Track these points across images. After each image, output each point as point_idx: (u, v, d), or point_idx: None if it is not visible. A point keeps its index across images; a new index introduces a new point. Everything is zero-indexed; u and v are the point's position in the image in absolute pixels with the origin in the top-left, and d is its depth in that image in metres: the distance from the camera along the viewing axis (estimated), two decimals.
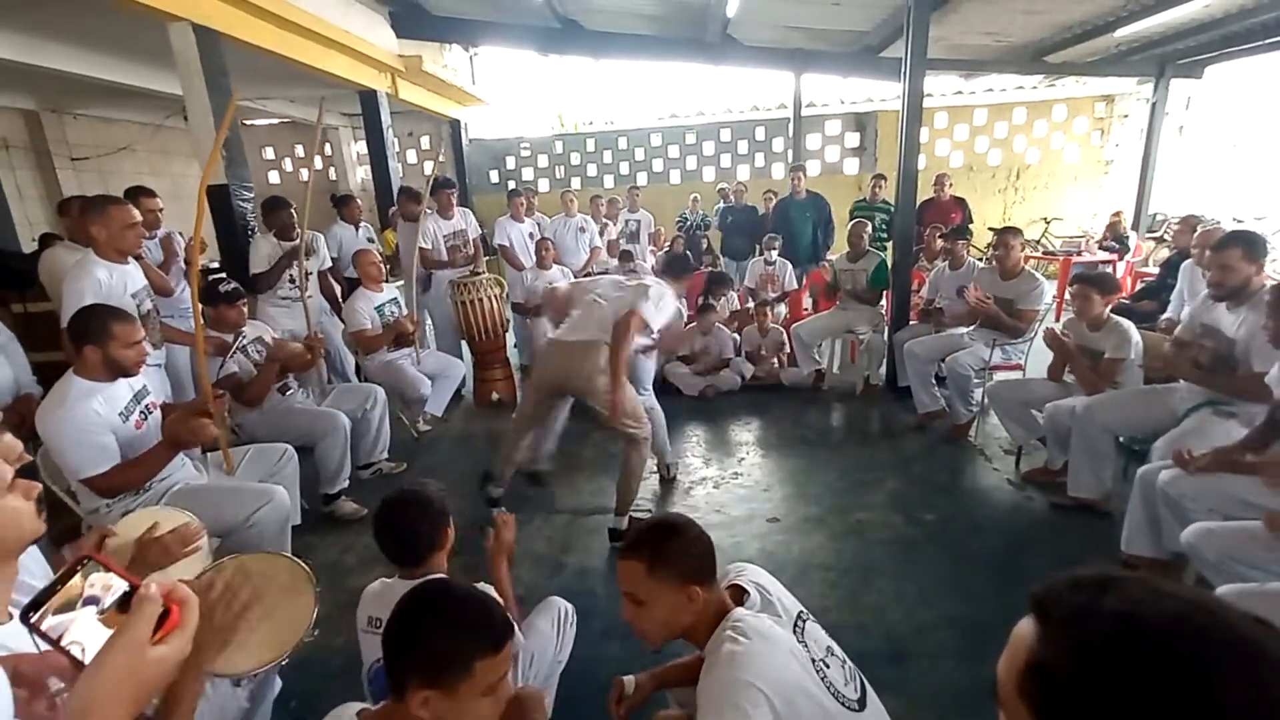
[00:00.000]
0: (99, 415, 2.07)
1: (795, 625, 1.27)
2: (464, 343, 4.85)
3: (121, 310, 2.25)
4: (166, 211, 3.71)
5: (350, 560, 2.83)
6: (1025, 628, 0.55)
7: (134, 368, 2.21)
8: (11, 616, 1.00)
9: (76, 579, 0.67)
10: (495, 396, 4.80)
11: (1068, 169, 9.47)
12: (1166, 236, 7.55)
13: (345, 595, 2.31)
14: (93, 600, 0.67)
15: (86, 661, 0.64)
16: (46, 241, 4.25)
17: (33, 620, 0.64)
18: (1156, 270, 5.50)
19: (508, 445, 3.03)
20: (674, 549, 1.29)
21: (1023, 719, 0.53)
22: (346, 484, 3.18)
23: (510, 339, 5.17)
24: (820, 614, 1.38)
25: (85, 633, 0.65)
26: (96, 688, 0.60)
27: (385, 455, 3.61)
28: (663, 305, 2.82)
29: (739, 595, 1.31)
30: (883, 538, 2.80)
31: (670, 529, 1.32)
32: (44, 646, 0.66)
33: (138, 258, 2.91)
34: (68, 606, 0.66)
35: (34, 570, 1.19)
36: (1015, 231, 3.77)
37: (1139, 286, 5.60)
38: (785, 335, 4.91)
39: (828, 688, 1.18)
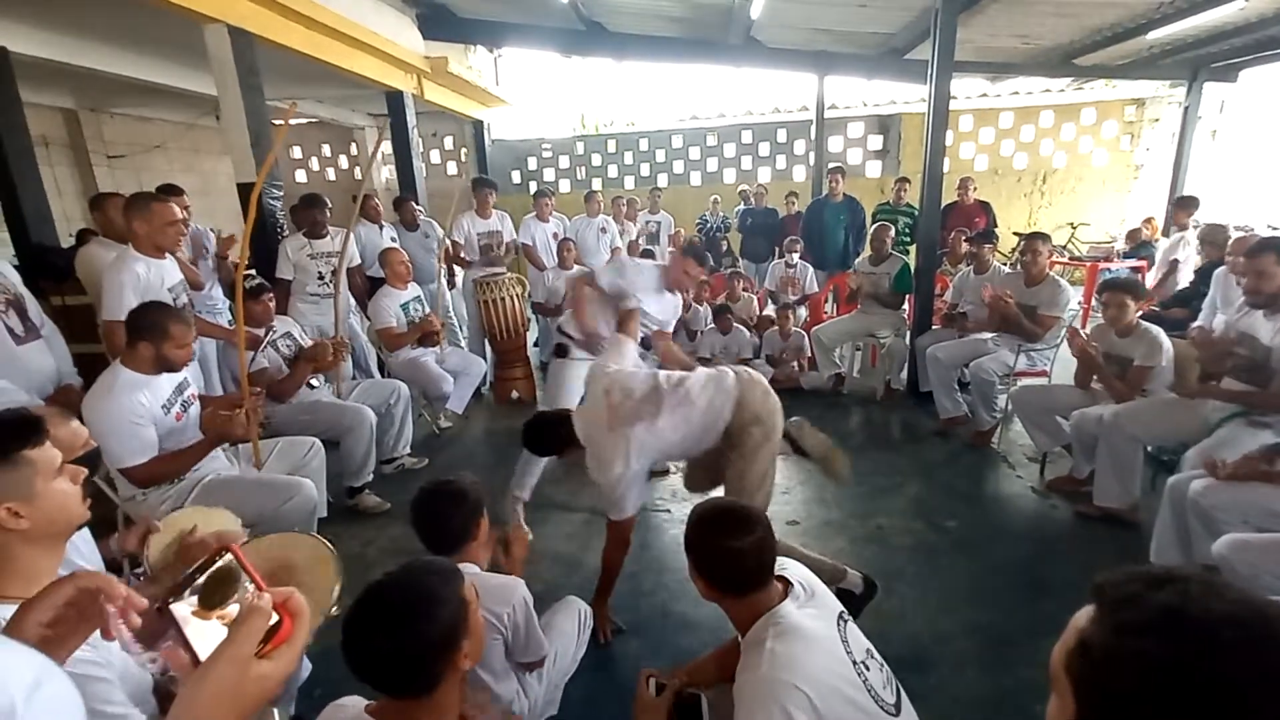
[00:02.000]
0: (144, 406, 2.15)
1: (838, 624, 1.25)
2: (485, 341, 4.90)
3: (182, 313, 2.32)
4: (195, 207, 3.79)
5: (373, 553, 2.87)
6: (1083, 611, 0.58)
7: (180, 366, 2.30)
8: None
9: (215, 572, 0.64)
10: (515, 395, 4.84)
11: (1096, 173, 9.31)
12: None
13: None
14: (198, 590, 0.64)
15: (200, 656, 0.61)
16: (83, 237, 4.36)
17: (167, 608, 0.61)
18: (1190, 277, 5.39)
19: None
20: (704, 552, 1.29)
21: (1065, 694, 0.56)
22: (371, 478, 3.23)
23: (531, 338, 5.21)
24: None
25: (195, 627, 0.62)
26: (198, 705, 0.57)
27: (408, 450, 3.66)
28: None
29: (785, 587, 1.29)
30: (904, 544, 2.78)
31: (715, 529, 1.28)
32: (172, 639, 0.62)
33: (172, 253, 2.98)
34: (180, 596, 0.63)
35: (85, 552, 1.23)
36: (1044, 238, 3.71)
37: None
38: (806, 339, 4.89)
39: (868, 689, 1.17)
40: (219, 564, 0.65)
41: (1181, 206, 5.42)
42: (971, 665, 2.06)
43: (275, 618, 0.61)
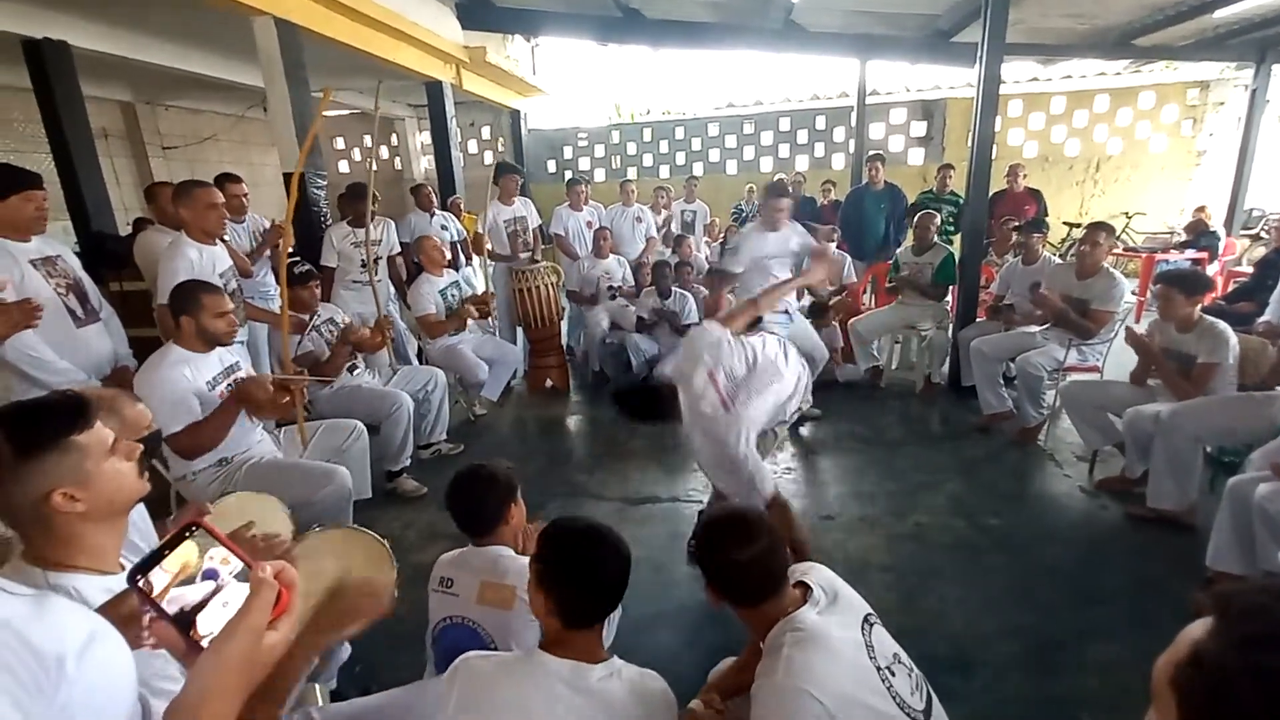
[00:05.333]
0: (187, 380, 2.23)
1: (863, 628, 1.22)
2: (515, 329, 4.95)
3: (211, 284, 2.40)
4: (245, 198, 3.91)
5: (411, 536, 2.93)
6: (1197, 624, 0.55)
7: (225, 337, 2.36)
8: (123, 568, 1.08)
9: (188, 547, 0.65)
10: (549, 383, 4.88)
11: (1154, 160, 8.87)
12: (1265, 234, 7.00)
13: (407, 569, 2.37)
14: (212, 574, 0.65)
15: (198, 635, 0.62)
16: (139, 225, 4.54)
17: (140, 585, 0.62)
18: (1250, 269, 5.11)
19: None
20: (711, 564, 1.29)
21: (1168, 708, 0.53)
22: (409, 462, 3.30)
23: (565, 327, 5.23)
24: (877, 616, 1.34)
25: (212, 608, 0.64)
26: (218, 676, 0.59)
27: (444, 437, 3.72)
28: None
29: (804, 592, 1.27)
30: (944, 541, 2.71)
31: (720, 540, 1.27)
32: (150, 612, 0.63)
33: (223, 240, 3.07)
34: (188, 579, 0.64)
35: (142, 528, 1.28)
36: (1107, 229, 3.51)
37: (1232, 286, 5.21)
38: (838, 330, 4.79)
39: (893, 697, 1.14)
40: (188, 539, 0.66)
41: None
42: (1014, 669, 2.00)
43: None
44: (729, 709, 1.35)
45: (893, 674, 1.17)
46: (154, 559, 0.64)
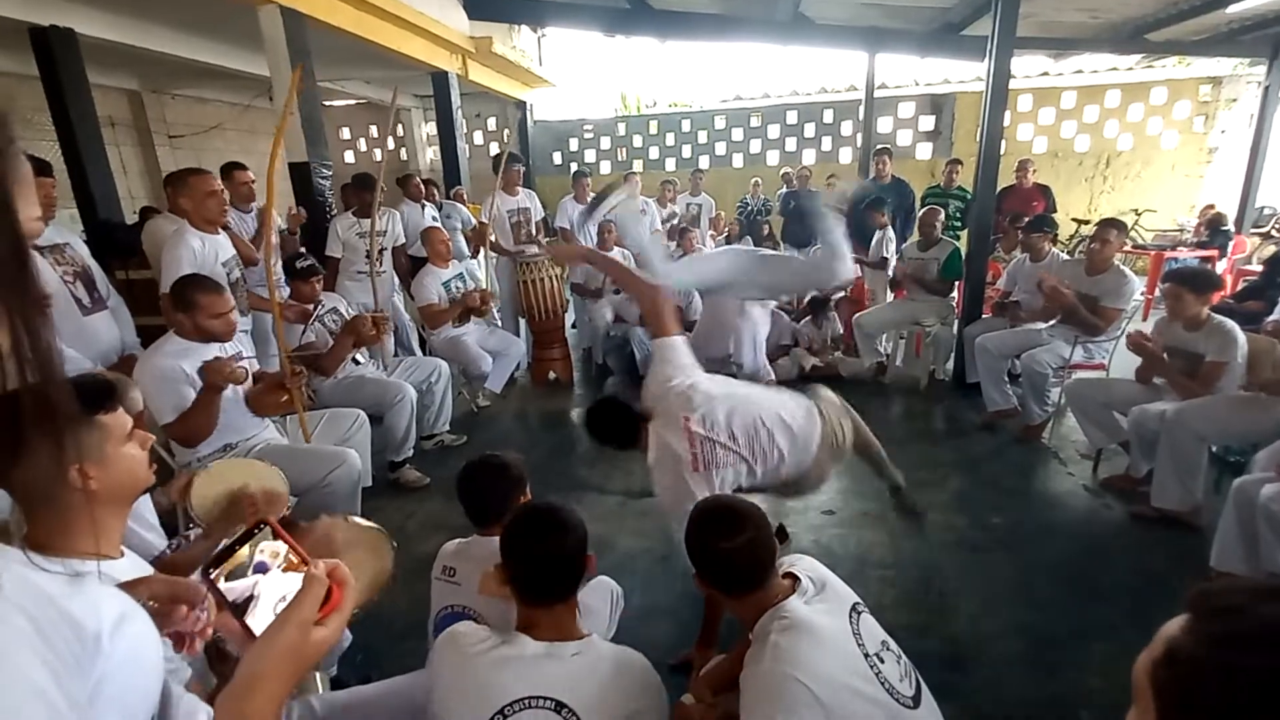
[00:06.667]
0: (182, 370, 2.23)
1: (850, 616, 1.24)
2: (518, 320, 4.96)
3: (212, 283, 2.37)
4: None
5: (413, 526, 2.95)
6: (1175, 621, 0.57)
7: (224, 336, 2.35)
8: (124, 554, 1.09)
9: (249, 547, 0.67)
10: (552, 376, 4.88)
11: (1165, 157, 8.79)
12: (1275, 232, 6.94)
13: (409, 560, 2.40)
14: (262, 568, 0.67)
15: (253, 627, 0.64)
16: (146, 214, 4.55)
17: (212, 577, 0.65)
18: (1260, 268, 5.08)
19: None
20: (698, 553, 1.30)
21: (1146, 705, 0.55)
22: (411, 453, 3.31)
23: (569, 319, 5.24)
24: (876, 612, 1.35)
25: (264, 600, 0.65)
26: (266, 664, 0.61)
27: (447, 428, 3.73)
28: None
29: (793, 583, 1.28)
30: (945, 539, 2.71)
31: (706, 529, 1.29)
32: (220, 603, 0.65)
33: (226, 228, 3.07)
34: (239, 573, 0.66)
35: (141, 511, 1.29)
36: (1118, 226, 3.49)
37: (1241, 285, 5.17)
38: (837, 323, 4.80)
39: (881, 683, 1.15)
40: (257, 535, 0.67)
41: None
42: (1016, 665, 2.00)
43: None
44: (720, 703, 1.35)
45: (881, 660, 1.19)
46: (226, 554, 0.66)
